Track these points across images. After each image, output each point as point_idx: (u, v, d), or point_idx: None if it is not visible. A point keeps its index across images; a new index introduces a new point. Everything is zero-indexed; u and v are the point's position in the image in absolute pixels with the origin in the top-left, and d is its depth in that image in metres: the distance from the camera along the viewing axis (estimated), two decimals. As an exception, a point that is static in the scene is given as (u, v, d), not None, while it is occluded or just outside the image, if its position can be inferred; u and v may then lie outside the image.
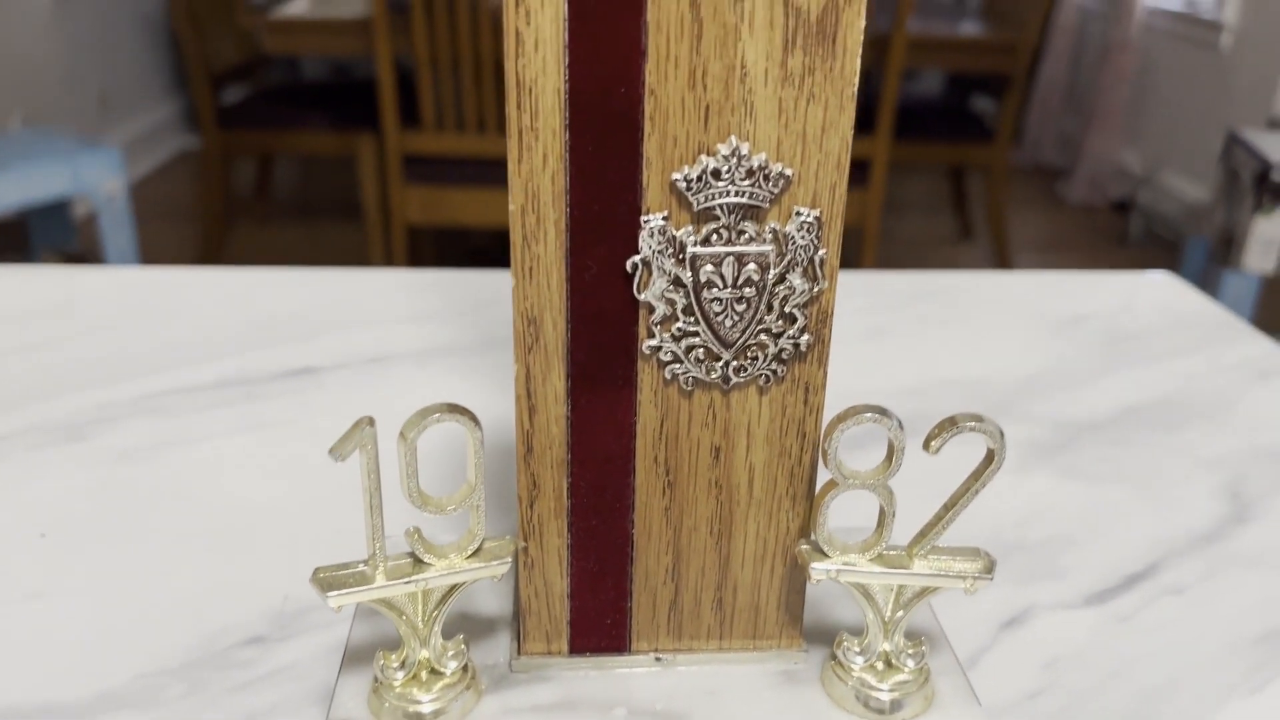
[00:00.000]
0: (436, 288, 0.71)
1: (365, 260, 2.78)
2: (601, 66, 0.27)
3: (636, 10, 0.27)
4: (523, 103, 0.28)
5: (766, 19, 0.27)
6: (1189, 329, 0.68)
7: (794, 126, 0.28)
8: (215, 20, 2.67)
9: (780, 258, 0.30)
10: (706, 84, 0.28)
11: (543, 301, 0.30)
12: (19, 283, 0.70)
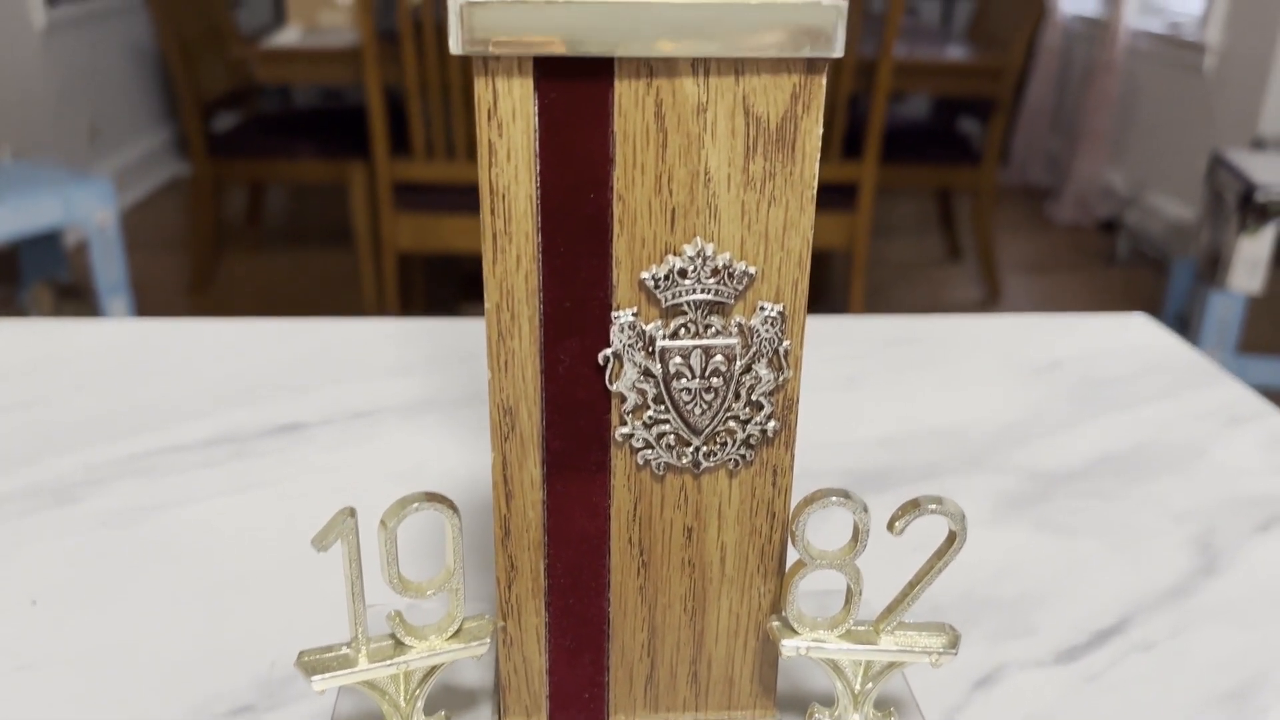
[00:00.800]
0: (422, 338, 0.72)
1: (357, 287, 2.79)
2: (571, 174, 0.28)
3: (604, 122, 0.28)
4: (496, 208, 0.29)
5: (728, 128, 0.28)
6: (1163, 373, 0.69)
7: (756, 227, 0.30)
8: (205, 49, 2.69)
9: (746, 349, 0.31)
10: (672, 189, 0.29)
11: (518, 393, 0.31)
12: (6, 337, 0.71)
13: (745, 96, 0.28)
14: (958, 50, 2.64)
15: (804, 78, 0.28)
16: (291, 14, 2.54)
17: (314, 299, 2.75)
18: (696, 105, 0.28)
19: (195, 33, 2.64)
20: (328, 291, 2.80)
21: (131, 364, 0.68)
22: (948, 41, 2.76)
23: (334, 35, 2.44)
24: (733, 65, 0.28)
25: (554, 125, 0.28)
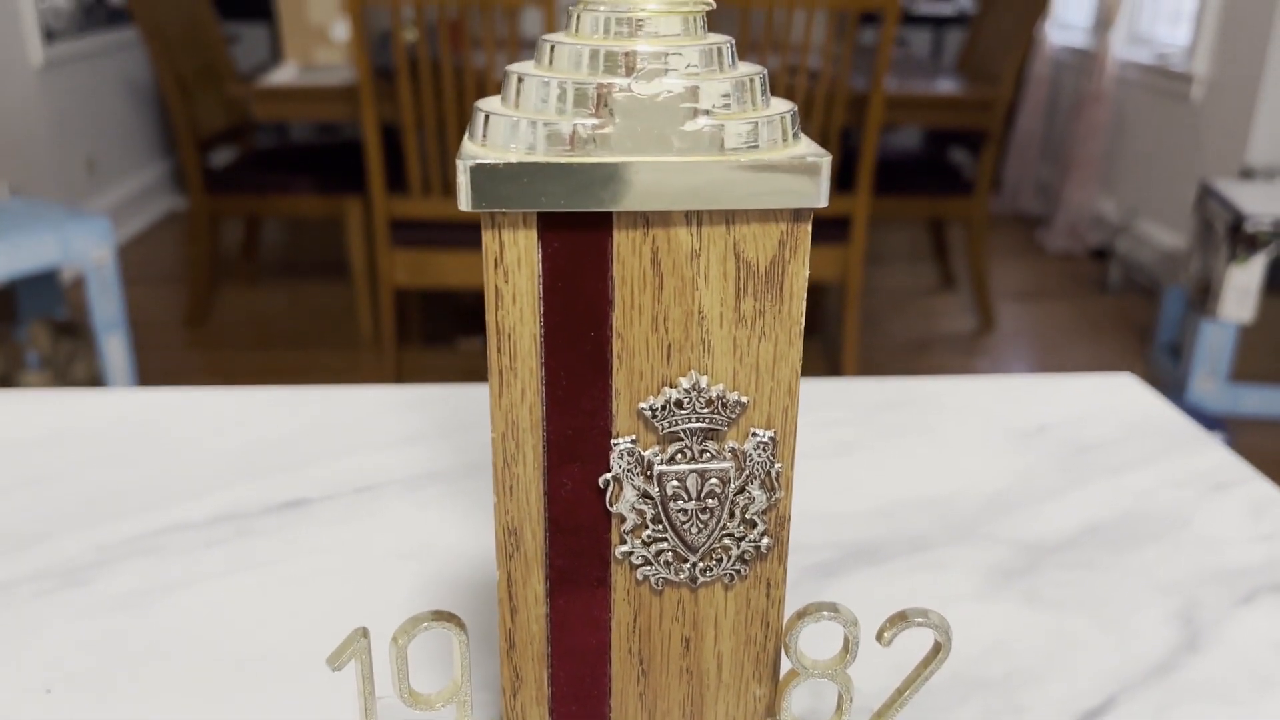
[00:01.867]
0: (421, 407, 0.73)
1: (354, 321, 2.80)
2: (573, 315, 0.30)
3: (603, 268, 0.30)
4: (502, 347, 0.30)
5: (720, 272, 0.30)
6: (1148, 438, 0.70)
7: (748, 360, 0.31)
8: (202, 86, 2.72)
9: (739, 472, 0.32)
10: (668, 327, 0.30)
11: (522, 515, 0.32)
12: (10, 410, 0.72)
13: (736, 243, 0.30)
14: (948, 83, 2.67)
15: (791, 225, 0.30)
16: (288, 52, 2.57)
17: (310, 333, 2.77)
18: (690, 252, 0.30)
19: (192, 70, 2.66)
20: (324, 326, 2.82)
21: (134, 436, 0.69)
22: (938, 74, 2.79)
23: (330, 73, 2.47)
24: (724, 215, 0.29)
25: (556, 272, 0.29)
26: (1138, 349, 2.79)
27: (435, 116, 2.12)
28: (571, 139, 0.28)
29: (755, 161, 0.28)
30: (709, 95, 0.28)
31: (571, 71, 0.29)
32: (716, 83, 0.29)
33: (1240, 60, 2.85)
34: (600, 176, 0.28)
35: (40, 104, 3.00)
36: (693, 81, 0.28)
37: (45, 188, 3.02)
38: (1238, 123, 2.86)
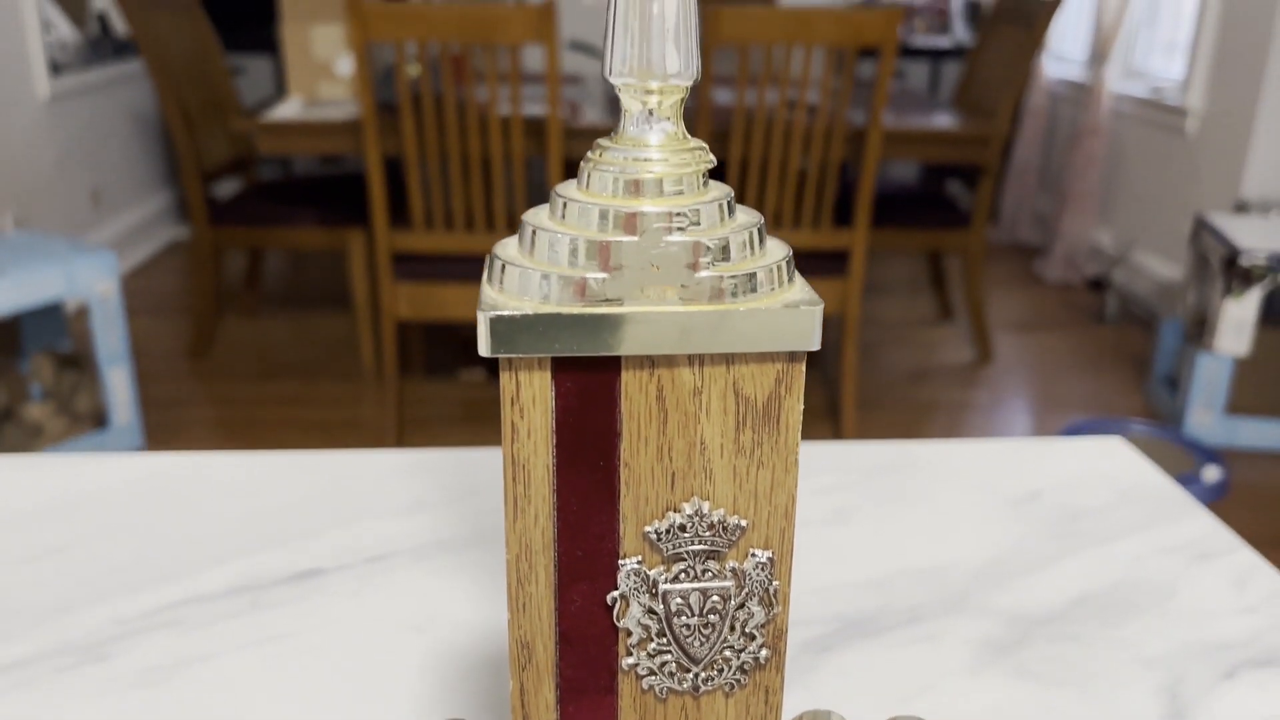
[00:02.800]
0: (429, 471, 0.75)
1: (356, 353, 2.82)
2: (583, 447, 0.32)
3: (612, 405, 0.31)
4: (518, 476, 0.32)
5: (721, 407, 0.32)
6: (1136, 504, 0.72)
7: (747, 487, 0.33)
8: (207, 118, 2.75)
9: (740, 590, 0.34)
10: (672, 457, 0.32)
11: (534, 630, 0.34)
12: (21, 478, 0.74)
13: (735, 381, 0.32)
14: (945, 118, 2.70)
15: (786, 365, 0.32)
16: (292, 86, 2.60)
17: (313, 364, 2.79)
18: (693, 389, 0.32)
19: (197, 103, 2.69)
20: (326, 356, 2.84)
21: (147, 503, 0.71)
22: (935, 108, 2.82)
23: (334, 108, 2.50)
24: (724, 357, 0.31)
25: (568, 409, 0.31)
26: (1135, 381, 2.81)
27: (438, 151, 2.15)
28: (582, 290, 0.30)
29: (753, 309, 0.30)
30: (710, 249, 0.30)
31: (582, 228, 0.31)
32: (717, 237, 0.31)
33: (1234, 94, 2.88)
34: (609, 325, 0.30)
35: (46, 136, 3.03)
36: (695, 237, 0.30)
37: (50, 218, 3.05)
38: (1232, 156, 2.89)
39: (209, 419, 2.48)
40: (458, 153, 2.13)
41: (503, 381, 0.31)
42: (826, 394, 2.67)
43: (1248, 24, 2.83)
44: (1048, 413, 2.61)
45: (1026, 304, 3.35)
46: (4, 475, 0.73)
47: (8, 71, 2.84)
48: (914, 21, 4.04)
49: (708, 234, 0.30)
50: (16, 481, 0.73)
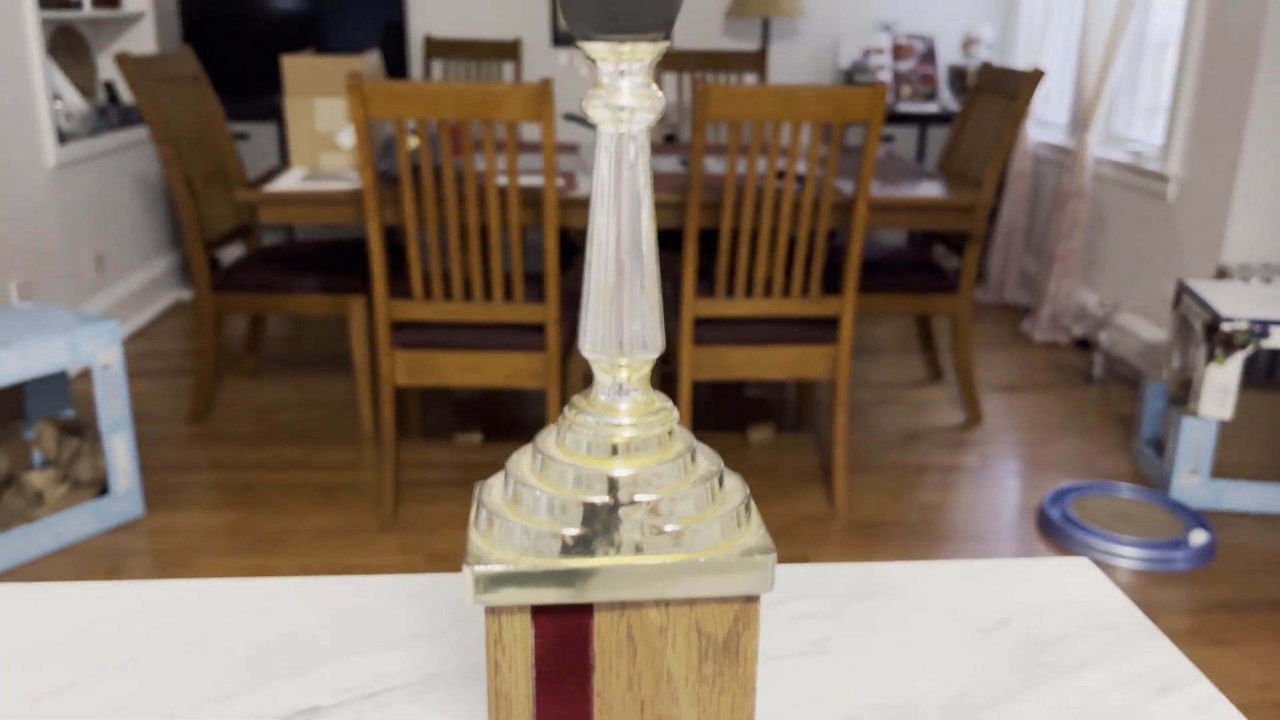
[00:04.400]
0: (424, 598, 0.78)
1: (354, 416, 2.86)
2: (560, 678, 0.36)
3: (586, 643, 0.35)
4: (500, 706, 0.36)
5: (685, 642, 0.36)
6: (1100, 632, 0.76)
7: (710, 711, 0.37)
8: (211, 186, 2.81)
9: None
10: (641, 685, 0.36)
11: (517, 833, 0.38)
12: (17, 610, 0.77)
13: (698, 620, 0.35)
14: (931, 186, 2.76)
15: (743, 606, 0.35)
16: (294, 158, 2.66)
17: (311, 428, 2.82)
18: (660, 627, 0.35)
19: (201, 172, 2.75)
20: (325, 420, 2.87)
21: (147, 635, 0.73)
22: (921, 176, 2.89)
23: (335, 179, 2.55)
24: (688, 599, 0.35)
25: (547, 647, 0.35)
26: (1123, 441, 2.85)
27: (437, 222, 2.20)
28: (560, 545, 0.34)
29: (712, 559, 0.34)
30: (674, 507, 0.34)
31: (559, 486, 0.34)
32: (681, 493, 0.35)
33: (1213, 162, 2.95)
34: (583, 577, 0.34)
35: (52, 203, 3.09)
36: (660, 494, 0.34)
37: (54, 283, 3.10)
38: (1212, 221, 2.96)
39: (209, 483, 2.51)
40: (456, 223, 2.18)
41: (487, 623, 0.35)
42: (819, 457, 2.70)
43: (1225, 93, 2.90)
44: (1036, 475, 2.64)
45: (1015, 364, 3.40)
46: (5, 605, 0.76)
47: (17, 142, 2.91)
48: (901, 88, 4.13)
49: (671, 490, 0.34)
50: (19, 613, 0.76)
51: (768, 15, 3.87)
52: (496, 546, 0.34)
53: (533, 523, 0.34)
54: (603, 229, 0.33)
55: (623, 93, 0.33)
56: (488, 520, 0.35)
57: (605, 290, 0.34)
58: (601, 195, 0.33)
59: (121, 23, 3.70)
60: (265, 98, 3.97)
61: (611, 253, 0.33)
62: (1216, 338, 2.50)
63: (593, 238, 0.34)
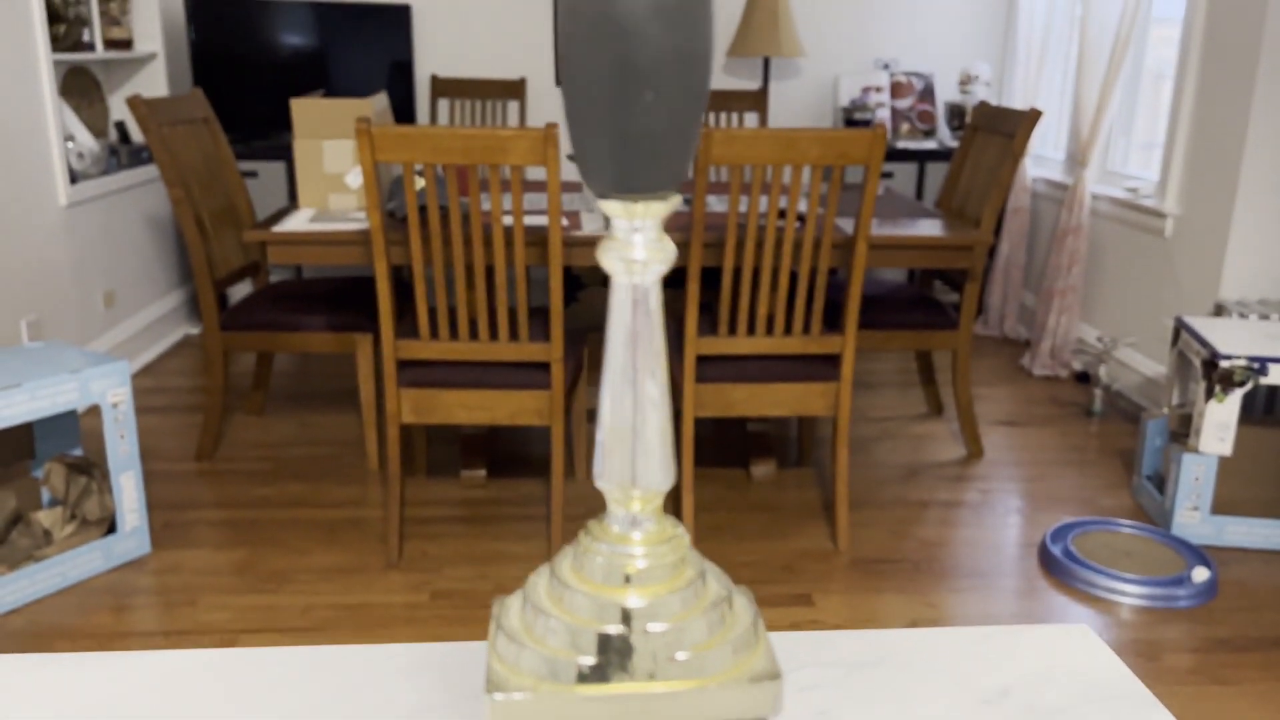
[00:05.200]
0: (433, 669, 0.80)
1: (361, 452, 2.88)
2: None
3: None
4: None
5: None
6: (1098, 703, 0.78)
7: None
8: (221, 225, 2.84)
9: None
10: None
11: None
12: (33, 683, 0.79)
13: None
14: (930, 225, 2.80)
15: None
16: (302, 199, 2.70)
17: (317, 464, 2.84)
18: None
19: (211, 212, 2.79)
20: (331, 456, 2.90)
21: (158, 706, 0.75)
22: (920, 214, 2.92)
23: (343, 220, 2.59)
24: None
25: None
26: (1123, 476, 2.86)
27: (443, 262, 2.23)
28: (577, 673, 0.36)
29: (723, 684, 0.36)
30: (685, 635, 0.37)
31: (576, 616, 0.37)
32: (692, 620, 0.37)
33: (1209, 198, 2.99)
34: (599, 702, 0.36)
35: (63, 241, 3.13)
36: (672, 624, 0.37)
37: (64, 320, 3.13)
38: (1209, 257, 2.99)
39: (215, 520, 2.53)
40: (462, 263, 2.21)
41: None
42: (821, 492, 2.72)
43: (1220, 130, 2.94)
44: (1038, 511, 2.66)
45: (1015, 398, 3.42)
46: (7, 679, 0.78)
47: (29, 182, 2.95)
48: (900, 125, 4.18)
49: (683, 618, 0.37)
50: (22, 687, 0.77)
51: (768, 55, 3.92)
52: (515, 673, 0.37)
53: (550, 650, 0.36)
54: (617, 369, 0.36)
55: (636, 247, 0.36)
56: (506, 644, 0.37)
57: (620, 427, 0.36)
58: (617, 337, 0.36)
59: (134, 63, 3.76)
60: (274, 136, 4.02)
61: (627, 393, 0.36)
62: (1215, 375, 2.52)
63: (607, 375, 0.36)
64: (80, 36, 3.28)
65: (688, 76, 0.29)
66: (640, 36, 0.26)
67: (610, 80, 0.28)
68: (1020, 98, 3.96)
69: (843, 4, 4.25)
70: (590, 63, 0.28)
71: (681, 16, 0.27)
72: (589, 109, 0.30)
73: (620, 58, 0.28)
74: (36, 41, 2.98)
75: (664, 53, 0.27)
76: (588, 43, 0.28)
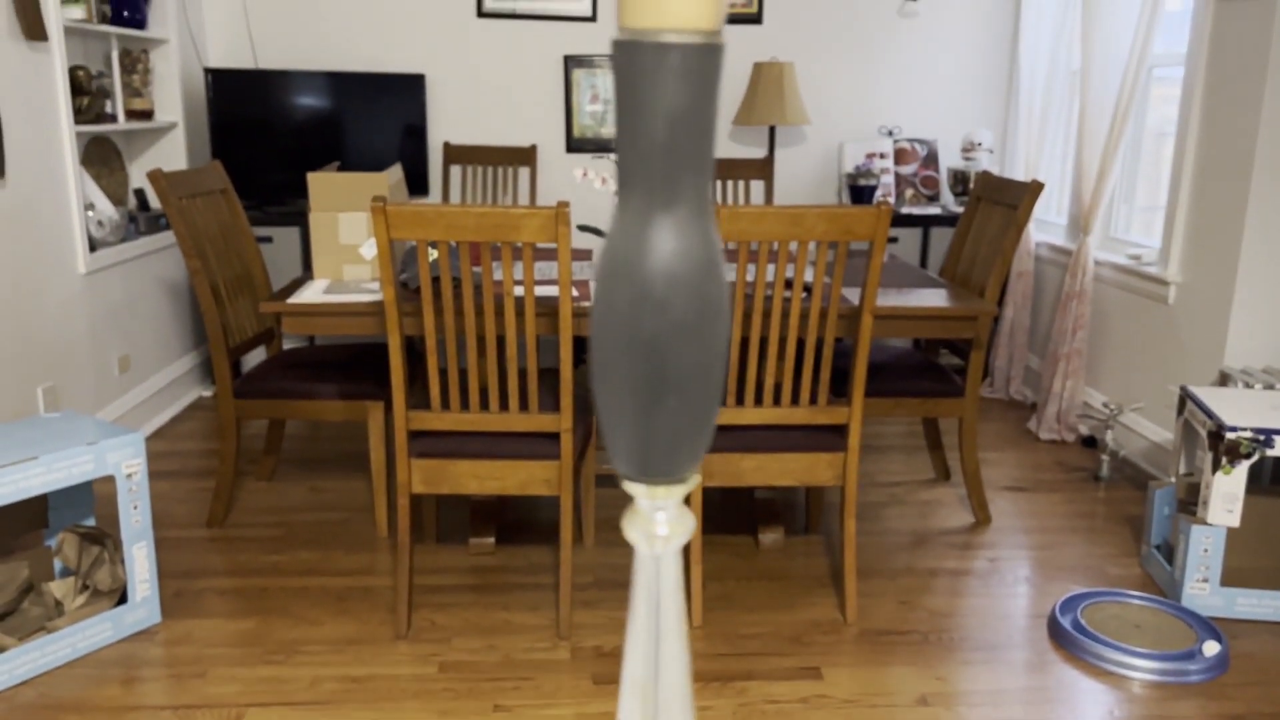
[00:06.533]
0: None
1: (370, 519, 2.90)
2: None
3: None
4: None
5: None
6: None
7: None
8: (236, 293, 2.89)
9: None
10: None
11: None
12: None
13: None
14: (935, 295, 2.84)
15: None
16: (317, 270, 2.75)
17: (328, 530, 2.86)
18: None
19: (227, 280, 2.84)
20: (341, 522, 2.91)
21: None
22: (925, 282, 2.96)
23: (357, 291, 2.63)
24: None
25: None
26: (1132, 544, 2.86)
27: (455, 333, 2.26)
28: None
29: None
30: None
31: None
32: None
33: (1211, 266, 3.02)
34: None
35: (81, 309, 3.18)
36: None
37: (79, 386, 3.17)
38: (1213, 325, 3.01)
39: (225, 589, 2.54)
40: (474, 334, 2.25)
41: None
42: (829, 560, 2.72)
43: (1221, 199, 2.99)
44: (1046, 580, 2.65)
45: (1022, 463, 3.43)
46: None
47: (50, 252, 3.01)
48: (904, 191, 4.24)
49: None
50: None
51: (774, 123, 4.00)
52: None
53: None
54: (640, 629, 0.38)
55: (659, 524, 0.38)
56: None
57: (643, 680, 0.38)
58: (641, 602, 0.38)
59: (154, 133, 3.85)
60: (290, 202, 4.10)
61: (650, 650, 0.38)
62: (1221, 447, 2.53)
63: (631, 631, 0.38)
64: (103, 108, 3.36)
65: (706, 383, 0.32)
66: (665, 354, 0.29)
67: (638, 389, 0.31)
68: (1022, 164, 4.03)
69: (847, 73, 4.34)
70: (620, 372, 0.31)
71: (701, 335, 0.30)
72: (618, 409, 0.32)
73: (647, 371, 0.31)
74: (60, 115, 3.06)
75: (686, 367, 0.30)
76: (618, 354, 0.31)
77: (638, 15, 0.32)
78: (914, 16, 4.31)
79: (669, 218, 0.31)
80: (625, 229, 0.32)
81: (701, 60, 0.32)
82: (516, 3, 4.17)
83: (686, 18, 0.31)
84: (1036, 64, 3.96)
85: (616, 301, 0.30)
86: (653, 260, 0.30)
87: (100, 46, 3.53)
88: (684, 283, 0.30)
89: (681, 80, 0.31)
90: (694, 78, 0.32)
